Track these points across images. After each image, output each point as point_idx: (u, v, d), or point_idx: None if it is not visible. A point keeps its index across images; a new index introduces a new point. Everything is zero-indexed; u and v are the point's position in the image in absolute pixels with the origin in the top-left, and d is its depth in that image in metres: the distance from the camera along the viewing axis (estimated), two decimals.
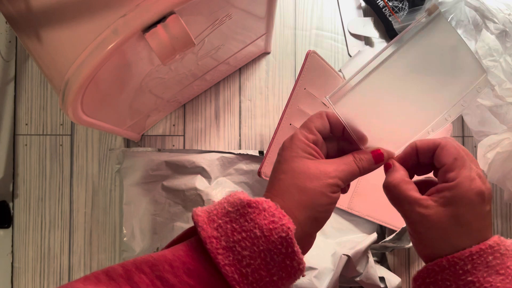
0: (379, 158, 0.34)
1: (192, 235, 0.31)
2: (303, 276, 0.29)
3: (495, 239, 0.31)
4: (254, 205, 0.28)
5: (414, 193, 0.32)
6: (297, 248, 0.28)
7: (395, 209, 0.34)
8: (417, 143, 0.34)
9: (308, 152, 0.32)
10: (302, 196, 0.30)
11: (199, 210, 0.30)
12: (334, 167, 0.32)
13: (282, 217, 0.28)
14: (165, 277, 0.26)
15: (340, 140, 0.37)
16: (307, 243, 0.31)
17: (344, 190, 0.36)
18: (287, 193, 0.30)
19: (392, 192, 0.33)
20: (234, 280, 0.27)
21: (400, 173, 0.33)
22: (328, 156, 0.36)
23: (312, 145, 0.33)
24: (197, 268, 0.27)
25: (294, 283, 0.53)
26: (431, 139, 0.34)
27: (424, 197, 0.32)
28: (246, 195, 0.29)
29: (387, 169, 0.35)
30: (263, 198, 0.29)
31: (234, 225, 0.28)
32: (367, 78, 0.34)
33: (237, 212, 0.28)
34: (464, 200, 0.30)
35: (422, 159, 0.35)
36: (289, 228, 0.28)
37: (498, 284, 0.29)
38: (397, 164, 0.34)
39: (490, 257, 0.29)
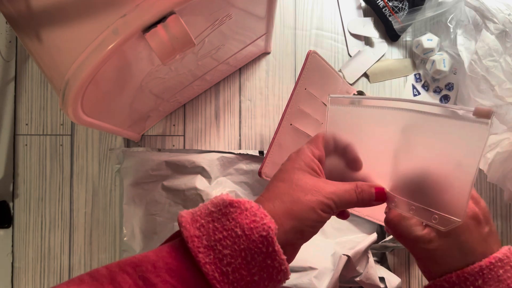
0: (381, 197, 0.34)
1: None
2: (287, 279, 0.29)
3: (504, 251, 0.30)
4: (236, 204, 0.29)
5: (416, 229, 0.32)
6: (278, 247, 0.27)
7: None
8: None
9: (311, 167, 0.33)
10: (293, 206, 0.30)
11: (184, 212, 0.30)
12: (333, 189, 0.32)
13: (263, 217, 0.28)
14: (147, 277, 0.26)
15: (341, 158, 0.37)
16: (289, 252, 0.30)
17: (344, 215, 0.37)
18: (279, 200, 0.31)
19: (394, 229, 0.34)
20: (215, 279, 0.26)
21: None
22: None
23: (316, 161, 0.34)
24: (179, 268, 0.27)
25: (294, 283, 0.54)
26: None
27: (425, 231, 0.32)
28: (229, 196, 0.29)
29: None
30: (246, 199, 0.29)
31: (216, 224, 0.28)
32: (378, 109, 0.34)
33: (220, 212, 0.28)
34: (461, 227, 0.30)
35: None
36: (270, 227, 0.28)
37: None
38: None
39: (501, 271, 0.29)
